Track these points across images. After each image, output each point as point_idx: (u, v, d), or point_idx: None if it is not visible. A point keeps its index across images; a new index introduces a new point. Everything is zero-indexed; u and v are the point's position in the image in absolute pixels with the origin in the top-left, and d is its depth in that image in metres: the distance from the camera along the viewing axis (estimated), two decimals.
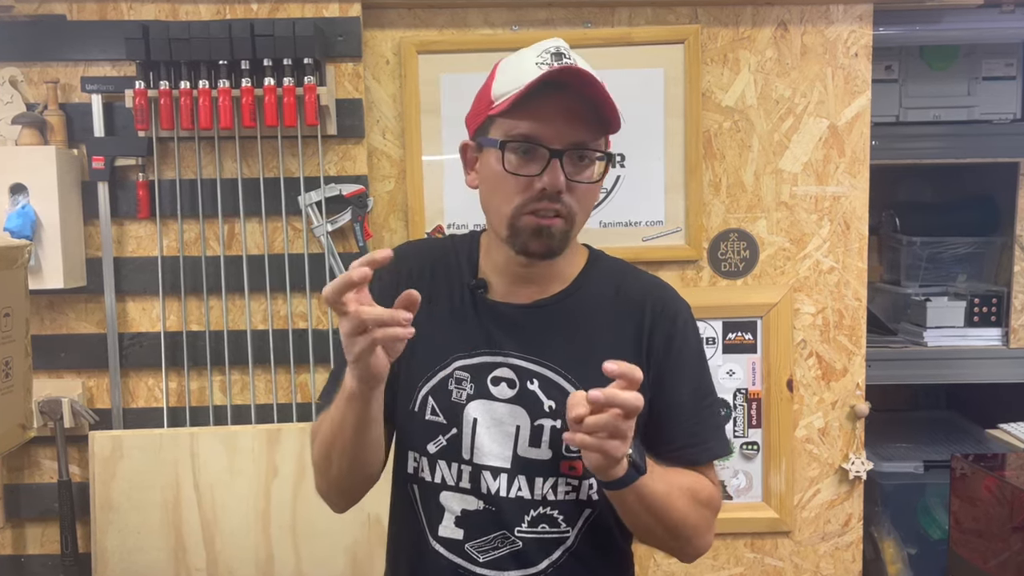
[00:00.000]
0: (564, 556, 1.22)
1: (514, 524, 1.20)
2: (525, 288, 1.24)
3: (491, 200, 1.19)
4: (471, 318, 1.23)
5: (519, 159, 1.14)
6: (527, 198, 1.14)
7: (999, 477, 1.85)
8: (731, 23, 2.13)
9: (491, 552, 1.21)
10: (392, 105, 2.14)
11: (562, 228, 1.16)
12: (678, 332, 1.24)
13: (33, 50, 2.05)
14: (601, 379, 1.01)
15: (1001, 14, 2.18)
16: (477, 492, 1.21)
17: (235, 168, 2.08)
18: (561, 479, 1.20)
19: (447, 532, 1.22)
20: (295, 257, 2.09)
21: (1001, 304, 2.37)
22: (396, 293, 1.10)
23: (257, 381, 2.12)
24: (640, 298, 1.25)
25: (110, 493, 2.04)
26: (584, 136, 1.14)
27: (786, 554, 2.24)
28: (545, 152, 1.12)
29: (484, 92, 1.20)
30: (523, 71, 1.14)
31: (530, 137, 1.13)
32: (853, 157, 2.16)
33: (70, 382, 2.11)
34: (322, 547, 2.05)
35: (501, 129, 1.15)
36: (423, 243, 1.40)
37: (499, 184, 1.16)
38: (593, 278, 1.27)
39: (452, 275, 1.27)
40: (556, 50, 1.15)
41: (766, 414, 2.20)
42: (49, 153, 1.98)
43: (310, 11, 2.06)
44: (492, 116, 1.16)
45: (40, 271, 1.98)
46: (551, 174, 1.12)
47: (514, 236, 1.16)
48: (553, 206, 1.14)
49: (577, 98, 1.12)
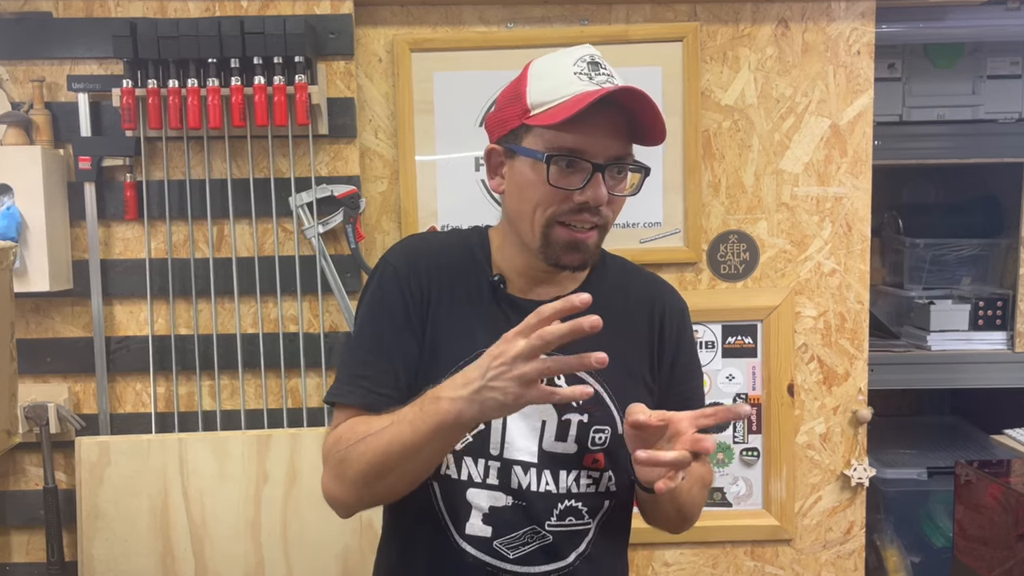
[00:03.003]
0: (588, 547, 1.25)
1: (544, 518, 1.22)
2: (541, 287, 1.26)
3: (522, 208, 1.20)
4: (495, 312, 1.24)
5: (561, 171, 1.15)
6: (564, 209, 1.16)
7: (1004, 484, 1.84)
8: (731, 20, 2.10)
9: (521, 548, 1.22)
10: (385, 104, 2.11)
11: (596, 240, 1.20)
12: (686, 327, 1.33)
13: (18, 48, 2.02)
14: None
15: (1007, 11, 2.16)
16: (507, 488, 1.21)
17: (224, 168, 2.05)
18: (583, 472, 1.23)
19: (475, 530, 1.22)
20: (286, 259, 2.06)
21: (1006, 307, 2.35)
22: (418, 286, 1.20)
23: (247, 386, 2.08)
24: (648, 295, 1.31)
25: (97, 500, 2.01)
26: (624, 149, 1.17)
27: (787, 562, 2.21)
28: (588, 166, 1.14)
29: (516, 97, 1.19)
30: (561, 80, 1.15)
31: (576, 151, 1.14)
32: (855, 157, 2.13)
33: (56, 387, 2.08)
34: (313, 554, 2.02)
35: (542, 140, 1.15)
36: (433, 238, 1.39)
37: (534, 193, 1.17)
38: (604, 276, 1.31)
39: (469, 270, 1.27)
40: (591, 59, 1.18)
41: (766, 419, 2.17)
42: (35, 153, 1.95)
43: (301, 8, 2.03)
44: (529, 125, 1.16)
45: (25, 273, 1.96)
46: (595, 189, 1.14)
47: (546, 247, 1.18)
48: (592, 219, 1.17)
49: (620, 112, 1.14)
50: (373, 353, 1.22)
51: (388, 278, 1.24)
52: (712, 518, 2.16)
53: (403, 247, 1.30)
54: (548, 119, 1.13)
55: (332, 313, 2.08)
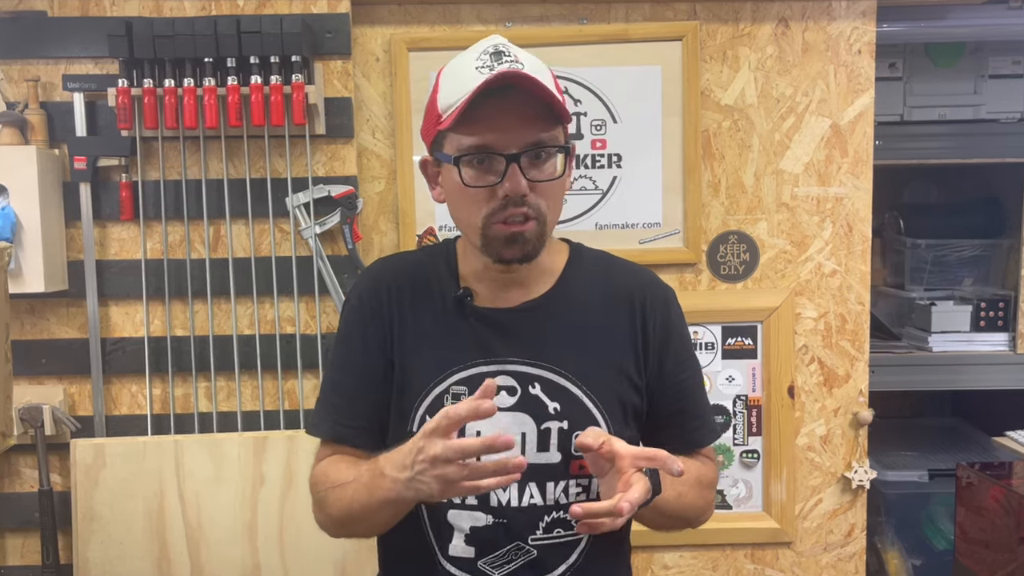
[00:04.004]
0: (580, 558, 1.22)
1: (527, 533, 1.19)
2: (510, 291, 1.22)
3: (459, 214, 1.19)
4: (462, 329, 1.21)
5: (476, 171, 1.12)
6: (493, 207, 1.13)
7: (1006, 486, 1.83)
8: (730, 19, 2.09)
9: (505, 566, 1.20)
10: (382, 104, 2.10)
11: (535, 230, 1.14)
12: (672, 318, 1.27)
13: (13, 47, 2.01)
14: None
15: (1008, 10, 2.16)
16: (486, 506, 1.19)
17: (221, 168, 2.04)
18: (572, 481, 1.20)
19: (458, 551, 1.20)
20: (282, 260, 2.05)
21: (1008, 308, 2.35)
22: (380, 314, 1.19)
23: (244, 387, 2.07)
24: (629, 288, 1.26)
25: (92, 502, 1.99)
26: (537, 134, 1.12)
27: (787, 565, 2.20)
28: (501, 159, 1.11)
29: (431, 105, 1.17)
30: (464, 79, 1.12)
31: (482, 147, 1.11)
32: (856, 157, 2.12)
33: (51, 389, 2.06)
34: (310, 558, 2.01)
35: (453, 143, 1.13)
36: (396, 259, 1.36)
37: (463, 198, 1.15)
38: (579, 273, 1.26)
39: (433, 287, 1.24)
40: (495, 50, 1.14)
41: (767, 421, 2.16)
42: (29, 153, 1.94)
43: (298, 7, 2.02)
44: (442, 131, 1.14)
45: (20, 274, 1.95)
46: (511, 180, 1.10)
47: (487, 246, 1.16)
48: (520, 211, 1.12)
49: (523, 97, 1.10)
50: (343, 385, 1.24)
51: (353, 308, 1.25)
52: (712, 520, 2.09)
53: (368, 273, 1.30)
54: (449, 122, 1.10)
55: (329, 314, 2.07)
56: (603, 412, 1.21)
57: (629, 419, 1.24)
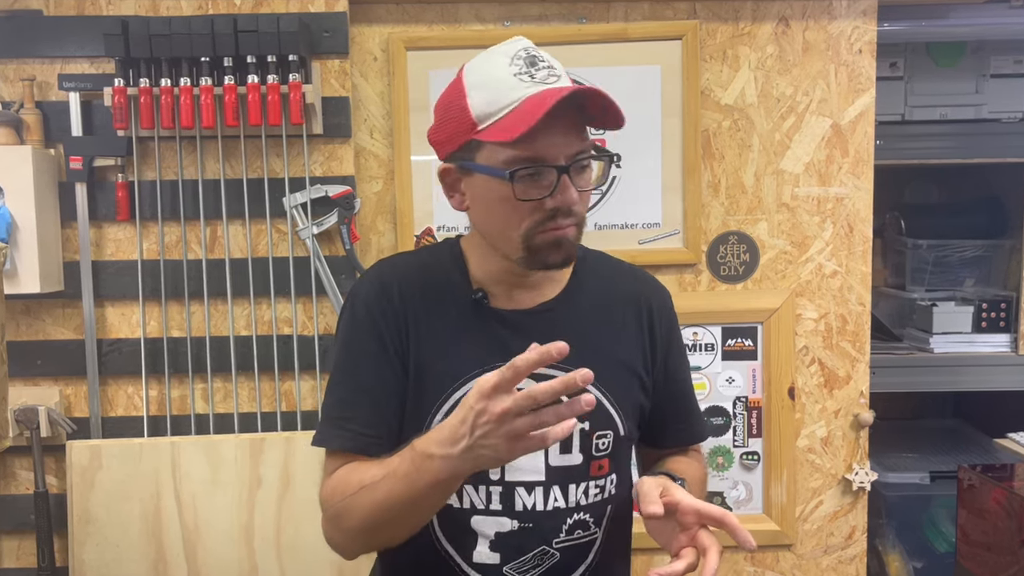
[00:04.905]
0: (596, 557, 1.24)
1: (552, 536, 1.19)
2: (524, 293, 1.22)
3: (494, 225, 1.16)
4: (480, 330, 1.20)
5: (527, 183, 1.10)
6: (538, 219, 1.12)
7: (1008, 488, 1.82)
8: (730, 19, 2.08)
9: (531, 570, 1.20)
10: (380, 103, 2.09)
11: (576, 234, 1.16)
12: (674, 319, 1.33)
13: (8, 46, 2.00)
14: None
15: (1010, 9, 2.15)
16: (511, 512, 1.18)
17: (218, 169, 2.02)
18: (591, 482, 1.22)
19: (482, 558, 1.19)
20: (280, 260, 2.04)
21: (1010, 309, 2.33)
22: (392, 317, 1.17)
23: (240, 389, 2.06)
24: (634, 291, 1.29)
25: (88, 504, 1.98)
26: (582, 144, 1.12)
27: (788, 568, 2.19)
28: (552, 171, 1.09)
29: (458, 110, 1.13)
30: (503, 86, 1.09)
31: (536, 159, 1.09)
32: (857, 157, 2.11)
33: (47, 390, 2.05)
34: (307, 561, 2.00)
35: (500, 155, 1.09)
36: (399, 261, 1.32)
37: (503, 210, 1.12)
38: (587, 274, 1.28)
39: (444, 289, 1.22)
40: (527, 54, 1.12)
41: (767, 423, 2.15)
42: (25, 153, 1.93)
43: (295, 6, 2.01)
44: (481, 140, 1.11)
45: (16, 275, 1.94)
46: (564, 193, 1.10)
47: (532, 254, 1.14)
48: (567, 221, 1.13)
49: (570, 108, 1.08)
50: (354, 392, 1.18)
51: (359, 310, 1.20)
52: None
53: (372, 275, 1.25)
54: (502, 135, 1.07)
55: (327, 315, 2.06)
56: (620, 413, 1.22)
57: (639, 420, 1.26)
